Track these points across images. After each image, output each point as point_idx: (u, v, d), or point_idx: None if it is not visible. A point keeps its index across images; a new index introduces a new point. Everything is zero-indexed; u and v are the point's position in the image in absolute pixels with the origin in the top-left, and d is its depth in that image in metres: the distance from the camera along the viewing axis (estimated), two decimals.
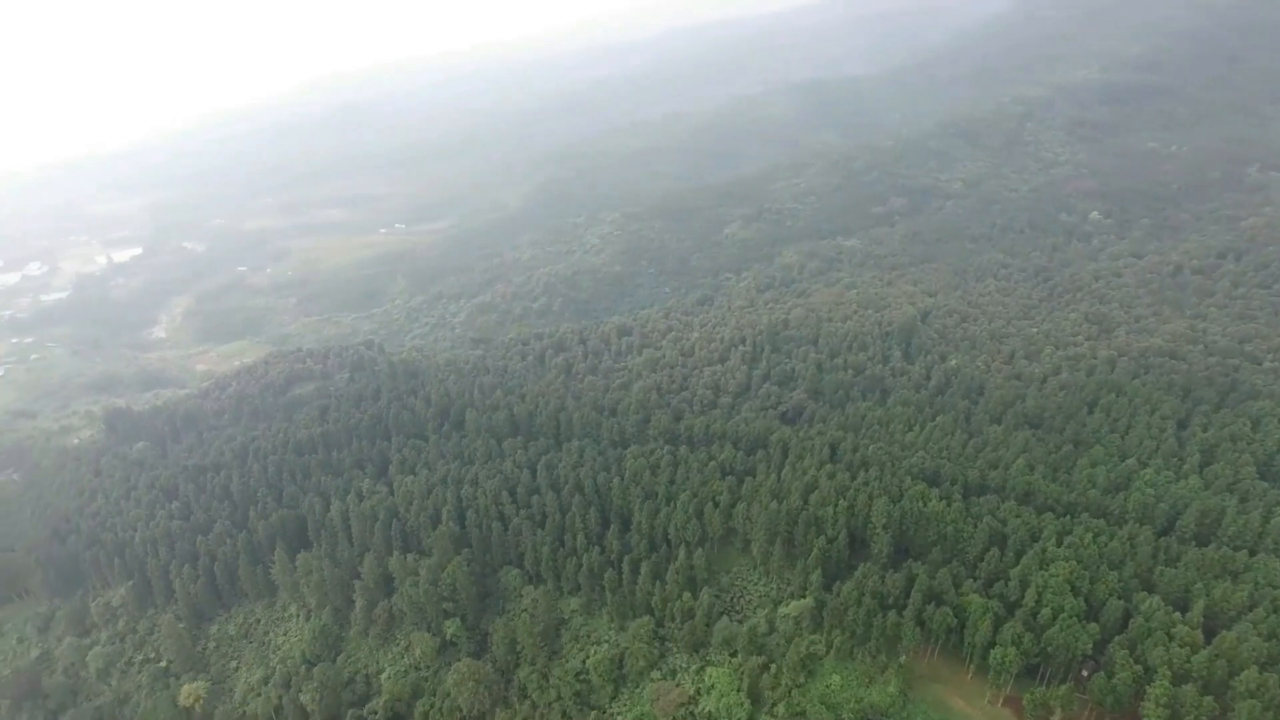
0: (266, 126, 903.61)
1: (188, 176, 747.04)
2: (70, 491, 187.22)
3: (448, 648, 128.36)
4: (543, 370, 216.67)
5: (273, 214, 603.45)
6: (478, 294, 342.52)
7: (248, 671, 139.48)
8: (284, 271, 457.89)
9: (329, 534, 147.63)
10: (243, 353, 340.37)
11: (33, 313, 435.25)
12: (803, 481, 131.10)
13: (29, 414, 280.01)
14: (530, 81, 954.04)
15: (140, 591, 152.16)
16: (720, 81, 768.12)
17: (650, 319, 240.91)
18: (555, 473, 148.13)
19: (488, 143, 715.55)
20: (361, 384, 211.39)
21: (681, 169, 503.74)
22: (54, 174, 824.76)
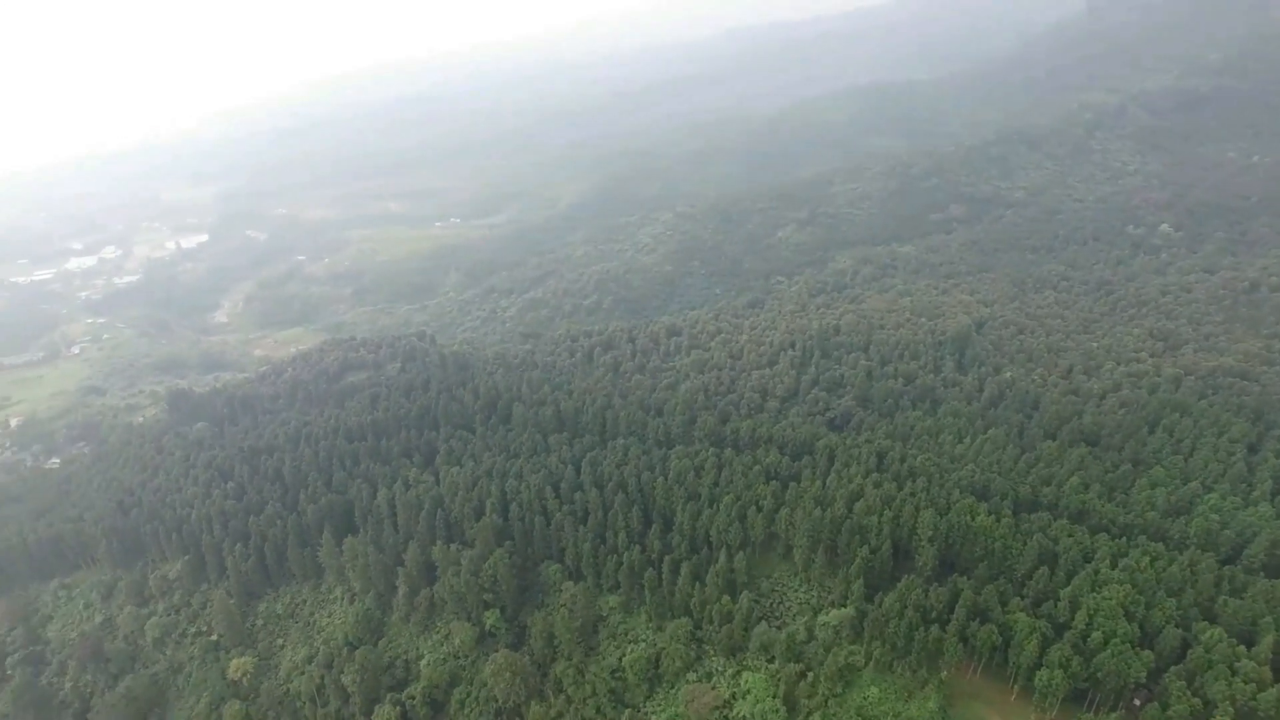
0: (330, 118, 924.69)
1: (254, 167, 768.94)
2: (134, 467, 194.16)
3: (486, 638, 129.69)
4: (591, 367, 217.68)
5: (333, 205, 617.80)
6: (529, 289, 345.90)
7: (293, 650, 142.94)
8: (341, 262, 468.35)
9: (375, 520, 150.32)
10: (299, 339, 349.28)
11: (106, 294, 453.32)
12: (848, 489, 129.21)
13: (99, 391, 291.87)
14: (588, 79, 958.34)
15: (195, 566, 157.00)
16: (778, 83, 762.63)
17: (700, 320, 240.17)
18: (599, 470, 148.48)
19: (545, 140, 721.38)
20: (412, 374, 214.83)
21: (736, 171, 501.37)
22: (130, 162, 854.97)
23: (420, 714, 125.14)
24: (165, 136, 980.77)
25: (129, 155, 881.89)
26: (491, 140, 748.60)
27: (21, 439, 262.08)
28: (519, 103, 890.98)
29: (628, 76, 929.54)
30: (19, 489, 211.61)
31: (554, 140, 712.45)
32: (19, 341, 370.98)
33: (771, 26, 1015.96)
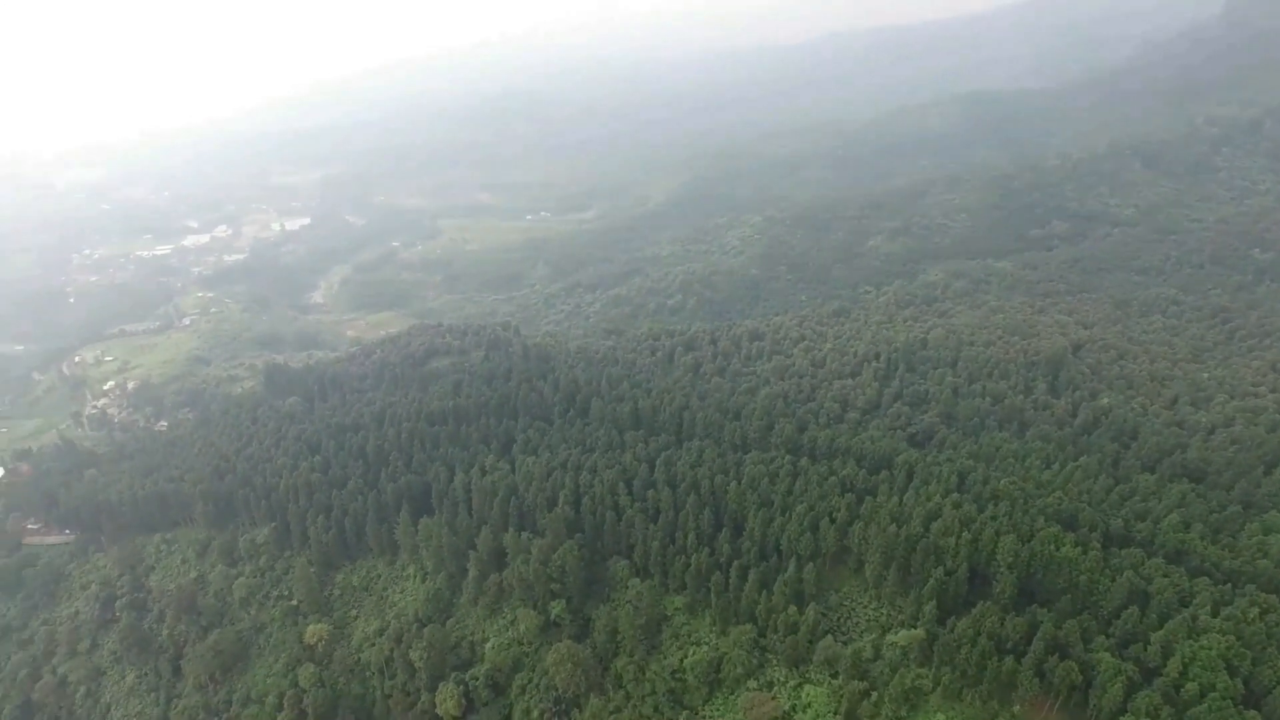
0: (429, 109, 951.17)
1: (357, 155, 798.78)
2: (231, 435, 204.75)
3: (550, 627, 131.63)
4: (671, 367, 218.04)
5: (428, 194, 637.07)
6: (614, 286, 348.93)
7: (365, 621, 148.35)
8: (434, 250, 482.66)
9: (450, 503, 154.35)
10: (389, 323, 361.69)
11: (216, 271, 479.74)
12: (926, 508, 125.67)
13: (205, 361, 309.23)
14: (685, 79, 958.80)
15: (280, 534, 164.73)
16: (877, 89, 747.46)
17: (783, 326, 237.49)
18: (673, 470, 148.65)
19: (638, 138, 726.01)
20: (495, 363, 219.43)
21: (829, 176, 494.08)
22: (246, 146, 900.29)
23: (482, 695, 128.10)
24: (273, 122, 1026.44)
25: (246, 140, 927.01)
26: (585, 137, 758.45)
27: (136, 401, 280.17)
28: (615, 100, 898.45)
29: (726, 77, 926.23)
30: (132, 447, 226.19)
31: (647, 139, 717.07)
32: (140, 311, 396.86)
33: (874, 30, 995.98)
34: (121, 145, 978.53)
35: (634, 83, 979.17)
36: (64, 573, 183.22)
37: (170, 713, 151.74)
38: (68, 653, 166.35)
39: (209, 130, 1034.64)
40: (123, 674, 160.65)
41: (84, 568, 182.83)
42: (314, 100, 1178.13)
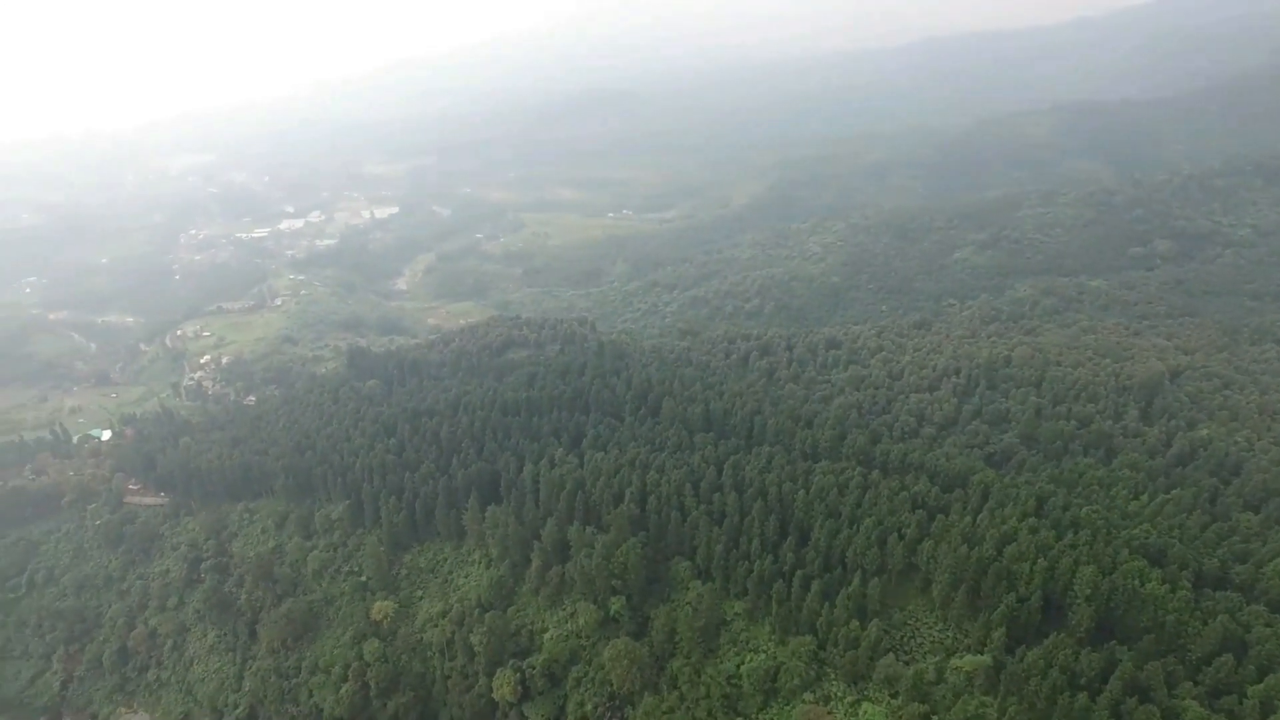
0: (517, 105, 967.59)
1: (446, 147, 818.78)
2: (313, 413, 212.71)
3: (609, 623, 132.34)
4: (745, 371, 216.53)
5: (513, 188, 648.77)
6: (692, 287, 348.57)
7: (430, 603, 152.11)
8: (515, 242, 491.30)
9: (518, 493, 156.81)
10: (468, 313, 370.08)
11: (308, 254, 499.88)
12: (1000, 530, 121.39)
13: (293, 340, 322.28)
14: (774, 82, 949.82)
15: (354, 511, 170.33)
16: (974, 96, 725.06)
17: (861, 335, 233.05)
18: (741, 474, 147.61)
19: (726, 140, 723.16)
20: (570, 358, 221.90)
21: (917, 185, 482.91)
22: (345, 135, 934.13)
23: (538, 684, 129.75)
24: (361, 109, 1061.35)
25: (348, 129, 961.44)
26: (672, 136, 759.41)
27: (228, 375, 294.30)
28: (702, 101, 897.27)
29: (815, 81, 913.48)
30: (223, 419, 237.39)
31: (733, 141, 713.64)
32: (237, 289, 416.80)
33: (970, 36, 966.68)
34: (209, 121, 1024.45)
35: (723, 84, 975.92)
36: (158, 532, 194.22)
37: (245, 673, 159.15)
38: (158, 607, 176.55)
39: (305, 113, 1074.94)
40: (205, 632, 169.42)
41: (175, 529, 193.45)
42: (402, 87, 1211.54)
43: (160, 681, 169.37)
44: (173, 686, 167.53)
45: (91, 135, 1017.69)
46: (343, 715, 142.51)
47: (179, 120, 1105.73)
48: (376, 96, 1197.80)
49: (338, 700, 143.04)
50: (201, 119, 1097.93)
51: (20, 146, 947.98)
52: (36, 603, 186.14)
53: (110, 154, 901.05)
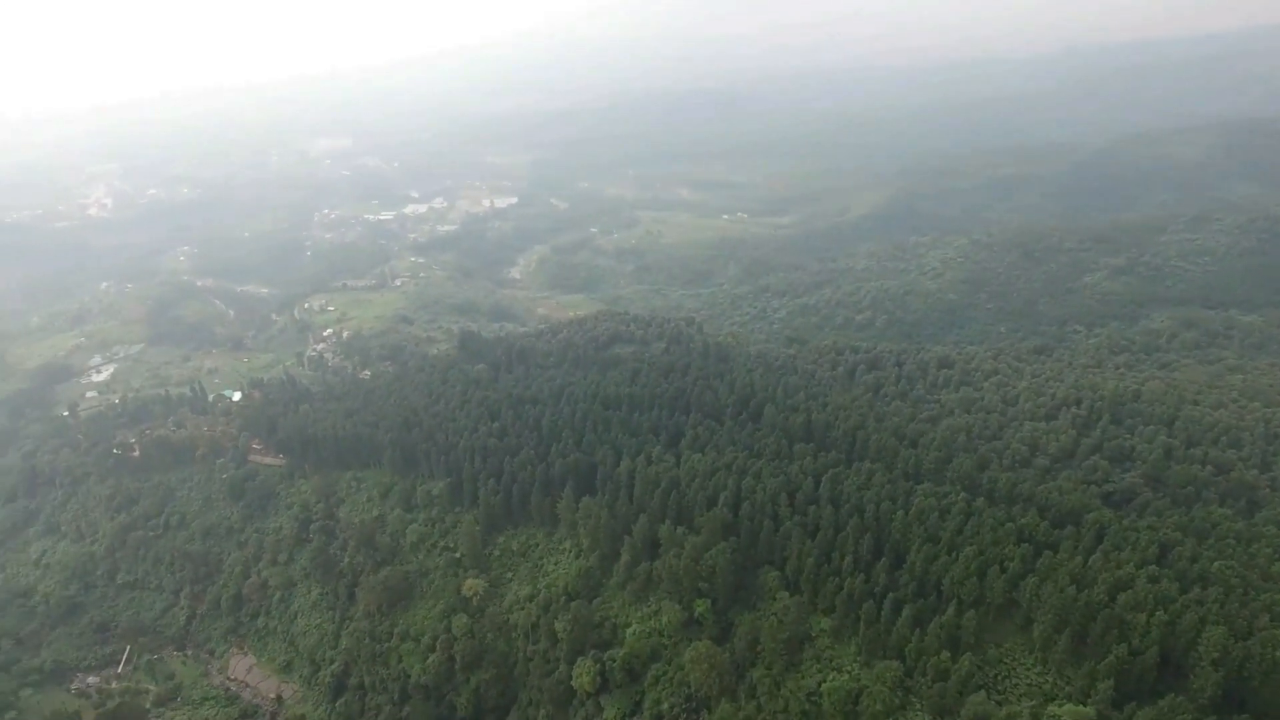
0: (642, 103, 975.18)
1: (568, 142, 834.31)
2: (422, 392, 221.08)
3: (692, 624, 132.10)
4: (850, 384, 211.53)
5: (630, 185, 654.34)
6: (803, 294, 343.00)
7: (518, 585, 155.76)
8: (629, 239, 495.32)
9: (613, 487, 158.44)
10: (578, 305, 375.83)
11: (429, 239, 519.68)
12: (1115, 575, 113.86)
13: (409, 320, 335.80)
14: (903, 89, 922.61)
15: (454, 490, 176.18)
16: (1118, 110, 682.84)
17: (976, 356, 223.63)
18: (839, 489, 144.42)
19: (846, 146, 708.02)
20: (674, 356, 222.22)
21: (1049, 204, 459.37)
22: (474, 127, 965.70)
23: (616, 678, 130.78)
24: (498, 105, 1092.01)
25: (476, 120, 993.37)
26: (792, 141, 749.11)
27: (347, 349, 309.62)
28: (826, 107, 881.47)
29: (944, 91, 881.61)
30: (340, 390, 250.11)
31: (856, 148, 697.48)
32: (361, 268, 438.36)
33: (1117, 46, 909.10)
34: (349, 108, 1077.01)
35: (848, 91, 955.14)
36: (275, 491, 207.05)
37: (342, 631, 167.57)
38: (270, 560, 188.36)
39: (437, 104, 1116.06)
40: (309, 589, 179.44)
41: (290, 490, 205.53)
42: (531, 80, 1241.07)
43: (268, 629, 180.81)
44: (278, 635, 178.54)
45: (245, 120, 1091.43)
46: (428, 683, 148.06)
47: (319, 105, 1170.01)
48: (505, 89, 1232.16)
49: (424, 669, 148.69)
50: (343, 106, 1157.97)
51: (185, 129, 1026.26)
52: (170, 543, 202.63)
53: (259, 135, 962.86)
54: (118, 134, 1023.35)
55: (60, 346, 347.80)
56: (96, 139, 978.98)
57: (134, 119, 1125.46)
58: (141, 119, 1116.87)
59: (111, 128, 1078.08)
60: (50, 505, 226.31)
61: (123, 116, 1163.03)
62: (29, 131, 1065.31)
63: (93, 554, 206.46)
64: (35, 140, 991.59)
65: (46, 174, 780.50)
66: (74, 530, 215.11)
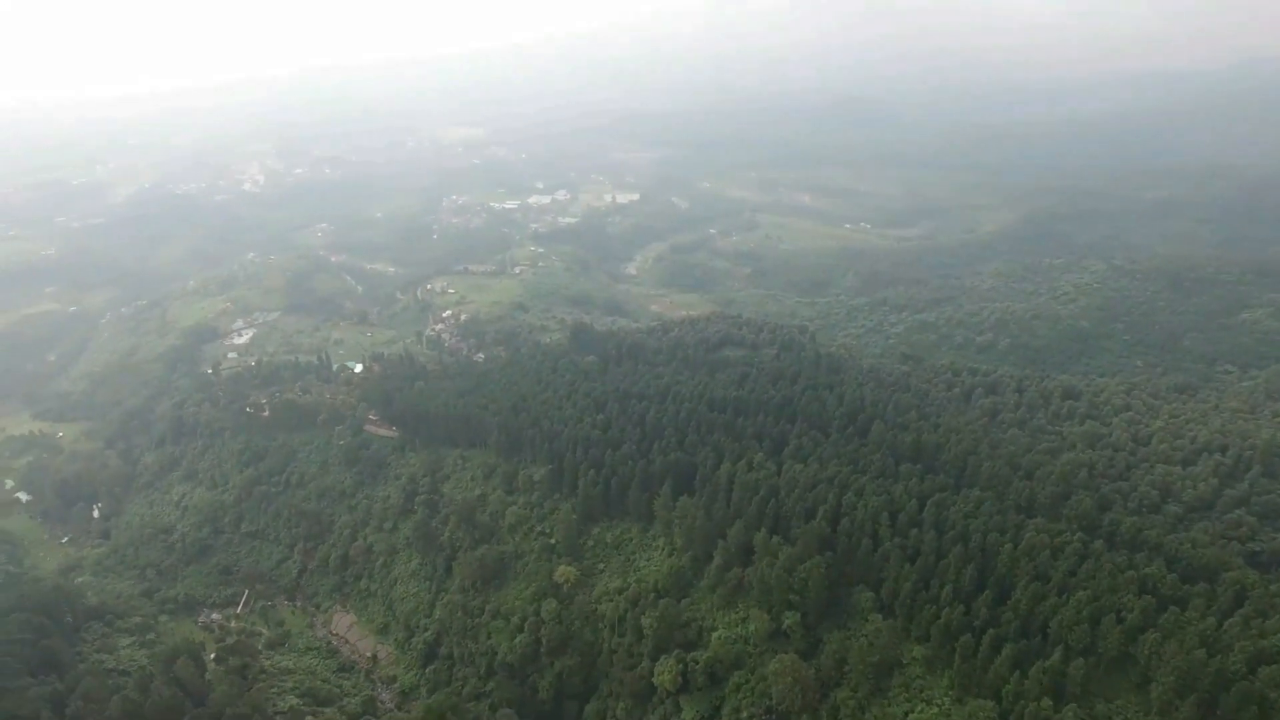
0: (768, 108, 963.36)
1: (693, 142, 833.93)
2: (532, 379, 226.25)
3: (780, 636, 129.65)
4: (965, 407, 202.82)
5: (752, 188, 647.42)
6: (922, 310, 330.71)
7: (609, 577, 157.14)
8: (747, 242, 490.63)
9: (711, 489, 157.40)
10: (691, 305, 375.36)
11: (550, 230, 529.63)
12: (1255, 645, 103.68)
13: (524, 308, 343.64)
14: (1048, 102, 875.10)
15: (554, 477, 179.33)
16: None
17: (1106, 389, 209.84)
18: (944, 514, 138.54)
19: (983, 160, 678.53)
20: (784, 364, 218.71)
21: (1205, 231, 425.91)
22: (595, 120, 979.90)
23: (698, 680, 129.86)
24: (629, 103, 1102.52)
25: (605, 115, 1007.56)
26: (924, 152, 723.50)
27: (464, 332, 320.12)
28: (965, 120, 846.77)
29: (1098, 104, 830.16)
30: (453, 370, 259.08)
31: (991, 162, 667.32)
32: (483, 253, 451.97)
33: None
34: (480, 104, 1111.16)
35: (990, 104, 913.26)
36: (385, 461, 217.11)
37: (437, 602, 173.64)
38: (376, 527, 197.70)
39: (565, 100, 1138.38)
40: (410, 557, 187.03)
41: (399, 462, 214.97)
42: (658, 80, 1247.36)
43: (369, 592, 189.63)
44: (378, 598, 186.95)
45: (384, 109, 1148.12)
46: (513, 662, 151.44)
47: (453, 95, 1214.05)
48: (634, 87, 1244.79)
49: (511, 648, 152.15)
50: (473, 100, 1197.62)
51: (332, 116, 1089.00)
52: (289, 500, 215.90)
53: (398, 118, 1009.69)
54: (272, 117, 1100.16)
55: (210, 309, 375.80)
56: (252, 123, 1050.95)
57: (283, 105, 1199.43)
58: (286, 104, 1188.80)
59: (265, 112, 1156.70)
60: (191, 453, 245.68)
61: (274, 101, 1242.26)
62: (195, 113, 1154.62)
63: (223, 502, 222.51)
64: (203, 121, 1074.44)
65: (212, 152, 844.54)
66: (209, 478, 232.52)
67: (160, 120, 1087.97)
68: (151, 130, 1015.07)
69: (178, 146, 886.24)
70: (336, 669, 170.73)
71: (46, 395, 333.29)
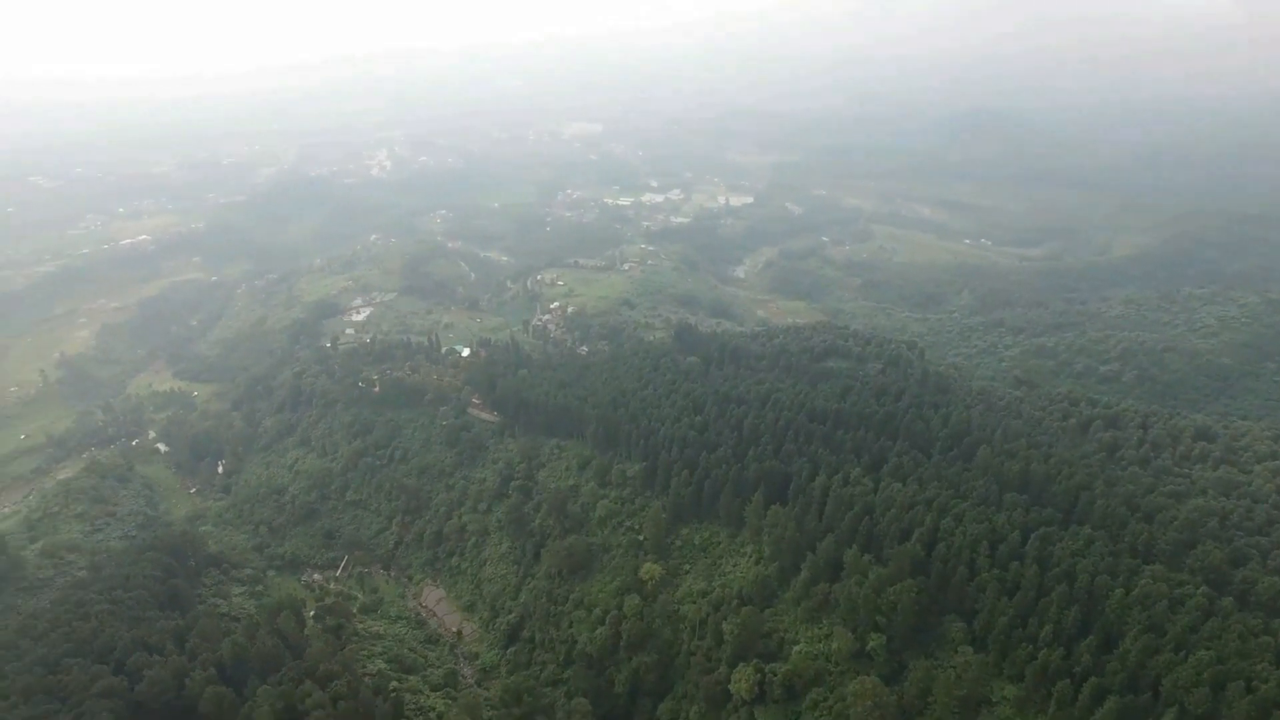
0: (892, 116, 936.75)
1: (812, 146, 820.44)
2: (633, 375, 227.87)
3: (863, 657, 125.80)
4: (1081, 439, 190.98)
5: (868, 196, 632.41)
6: (1041, 334, 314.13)
7: (693, 579, 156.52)
8: (860, 252, 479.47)
9: (804, 501, 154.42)
10: (798, 312, 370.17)
11: (661, 228, 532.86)
12: None
13: (631, 305, 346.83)
14: (1204, 121, 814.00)
15: (648, 474, 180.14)
16: None
17: (1248, 433, 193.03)
18: (1049, 550, 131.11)
19: (1120, 179, 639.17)
20: (890, 379, 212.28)
21: None
22: (709, 125, 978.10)
23: (775, 692, 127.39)
24: (746, 101, 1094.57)
25: (724, 117, 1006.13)
26: (1055, 169, 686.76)
27: (570, 324, 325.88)
28: (1101, 135, 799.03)
29: (1264, 124, 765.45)
30: (557, 361, 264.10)
31: (1130, 182, 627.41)
32: (593, 248, 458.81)
33: None
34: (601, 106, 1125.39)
35: (1153, 120, 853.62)
36: (485, 445, 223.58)
37: (523, 586, 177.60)
38: (471, 507, 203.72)
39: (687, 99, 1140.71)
40: (501, 540, 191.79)
41: (498, 446, 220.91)
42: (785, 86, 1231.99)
43: (459, 569, 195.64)
44: (467, 576, 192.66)
45: (511, 95, 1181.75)
46: (592, 653, 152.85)
47: (578, 91, 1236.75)
48: (755, 82, 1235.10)
49: (591, 639, 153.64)
50: (595, 85, 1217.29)
51: (462, 103, 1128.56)
52: (391, 473, 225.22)
53: (519, 116, 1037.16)
54: (408, 95, 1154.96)
55: (333, 286, 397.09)
56: (389, 109, 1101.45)
57: (417, 91, 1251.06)
58: (418, 93, 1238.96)
59: (400, 89, 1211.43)
60: (306, 421, 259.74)
61: (412, 82, 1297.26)
62: (333, 96, 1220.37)
63: (331, 470, 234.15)
64: (340, 107, 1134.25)
65: (344, 136, 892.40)
66: (320, 446, 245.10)
67: (302, 101, 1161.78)
68: (296, 109, 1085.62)
69: (314, 131, 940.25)
70: (423, 639, 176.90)
71: (187, 356, 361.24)
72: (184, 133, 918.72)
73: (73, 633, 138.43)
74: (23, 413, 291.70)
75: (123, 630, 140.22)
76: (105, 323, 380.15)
